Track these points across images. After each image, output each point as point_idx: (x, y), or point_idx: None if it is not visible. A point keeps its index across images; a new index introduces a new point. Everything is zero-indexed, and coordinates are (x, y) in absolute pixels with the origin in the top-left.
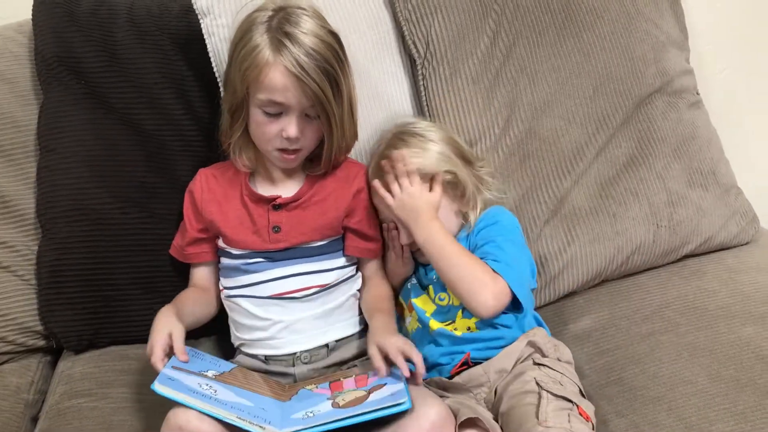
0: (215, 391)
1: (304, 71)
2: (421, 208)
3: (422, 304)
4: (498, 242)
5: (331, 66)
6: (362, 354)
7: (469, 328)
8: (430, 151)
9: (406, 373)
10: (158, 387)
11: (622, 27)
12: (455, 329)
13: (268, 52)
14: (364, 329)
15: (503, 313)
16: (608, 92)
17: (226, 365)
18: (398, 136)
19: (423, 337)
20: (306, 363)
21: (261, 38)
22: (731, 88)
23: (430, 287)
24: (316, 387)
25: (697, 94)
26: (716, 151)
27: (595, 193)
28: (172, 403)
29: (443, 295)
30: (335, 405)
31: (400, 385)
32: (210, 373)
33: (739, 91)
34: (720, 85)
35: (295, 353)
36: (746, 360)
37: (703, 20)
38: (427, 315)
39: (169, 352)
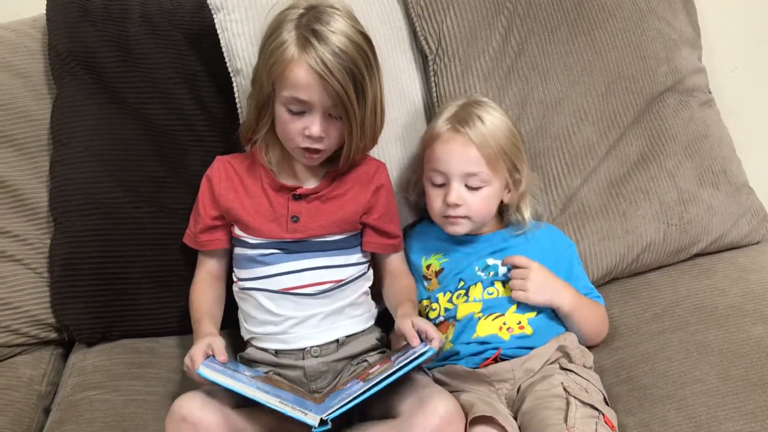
0: (255, 384)
1: (328, 70)
2: (554, 281)
3: (466, 311)
4: (584, 276)
5: (356, 67)
6: (372, 349)
7: (519, 322)
8: (499, 119)
9: (437, 345)
10: (203, 370)
11: (634, 25)
12: (503, 324)
13: (293, 49)
14: (374, 325)
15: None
16: (620, 90)
17: (258, 372)
18: (474, 102)
19: (461, 338)
20: (316, 356)
21: (289, 35)
22: (743, 87)
23: (478, 284)
24: (346, 385)
25: (709, 92)
26: (728, 149)
27: (605, 191)
28: (179, 395)
29: (491, 289)
30: (366, 381)
31: (421, 345)
32: (247, 373)
33: (752, 89)
34: (732, 83)
35: (305, 348)
36: (756, 359)
37: (715, 18)
38: (476, 315)
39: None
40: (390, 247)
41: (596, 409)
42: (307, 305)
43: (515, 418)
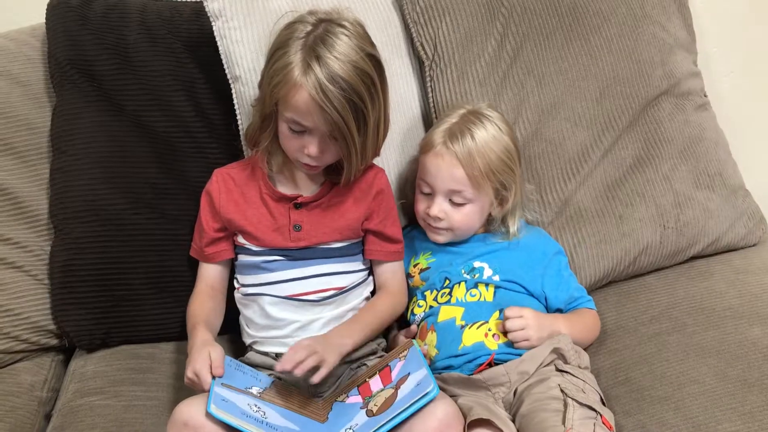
0: (264, 414)
1: (327, 99)
2: (545, 318)
3: (448, 314)
4: (573, 278)
5: (358, 96)
6: (371, 353)
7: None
8: (494, 136)
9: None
10: (214, 410)
11: (629, 30)
12: (488, 331)
13: (297, 73)
14: None
15: None
16: (615, 94)
17: (265, 379)
18: (474, 114)
19: (448, 349)
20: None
21: (294, 56)
22: (739, 91)
23: (462, 284)
24: (347, 396)
25: (705, 96)
26: (723, 152)
27: (601, 195)
28: (179, 401)
29: (474, 291)
30: (369, 413)
31: (424, 371)
32: (254, 390)
33: (747, 93)
34: (728, 87)
35: None
36: (754, 360)
37: (711, 23)
38: (458, 323)
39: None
40: (393, 255)
41: (594, 409)
42: (310, 311)
43: (513, 421)
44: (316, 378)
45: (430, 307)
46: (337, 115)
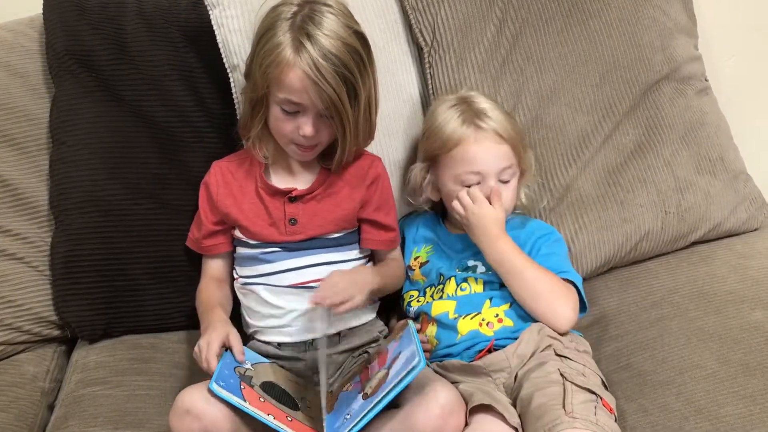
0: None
1: (321, 75)
2: (487, 226)
3: (440, 308)
4: (560, 256)
5: (349, 71)
6: (372, 341)
7: (497, 315)
8: (499, 109)
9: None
10: (215, 387)
11: (628, 14)
12: (482, 320)
13: (289, 52)
14: (375, 318)
15: None
16: (615, 80)
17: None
18: (468, 99)
19: (446, 339)
20: (318, 349)
21: (283, 36)
22: (740, 75)
23: (452, 280)
24: (351, 385)
25: (706, 80)
26: (724, 137)
27: (602, 181)
28: (181, 390)
29: (464, 285)
30: (365, 396)
31: (413, 347)
32: (254, 381)
33: (748, 77)
34: (729, 72)
35: (307, 340)
36: (755, 344)
37: (712, 7)
38: (451, 316)
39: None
40: (387, 243)
41: (594, 393)
42: (309, 298)
43: (514, 406)
44: (341, 309)
45: (427, 302)
46: (331, 90)
